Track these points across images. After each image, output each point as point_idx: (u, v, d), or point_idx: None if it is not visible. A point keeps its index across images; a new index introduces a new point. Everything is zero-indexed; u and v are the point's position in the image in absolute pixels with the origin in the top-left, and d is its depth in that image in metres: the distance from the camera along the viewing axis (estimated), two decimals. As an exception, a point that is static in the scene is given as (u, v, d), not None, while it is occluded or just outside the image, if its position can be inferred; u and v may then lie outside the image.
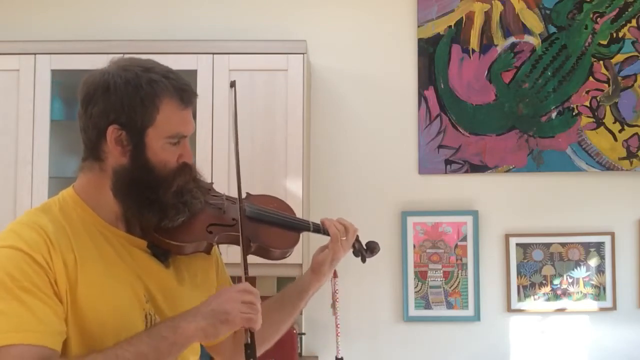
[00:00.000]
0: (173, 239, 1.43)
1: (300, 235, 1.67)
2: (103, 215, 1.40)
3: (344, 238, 1.65)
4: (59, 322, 1.27)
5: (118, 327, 1.33)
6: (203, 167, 2.69)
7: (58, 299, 1.28)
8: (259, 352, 1.69)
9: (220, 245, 1.61)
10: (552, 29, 3.08)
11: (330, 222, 1.67)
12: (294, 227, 1.66)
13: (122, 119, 1.36)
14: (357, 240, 1.72)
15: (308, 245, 2.80)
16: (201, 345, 1.61)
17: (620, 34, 3.08)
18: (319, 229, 1.67)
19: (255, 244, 1.55)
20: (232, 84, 1.50)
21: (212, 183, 1.60)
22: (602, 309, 3.03)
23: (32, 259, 1.27)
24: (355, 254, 1.73)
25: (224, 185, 2.62)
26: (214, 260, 1.61)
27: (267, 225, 1.60)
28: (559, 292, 3.04)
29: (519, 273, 3.04)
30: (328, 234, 1.66)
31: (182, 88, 1.40)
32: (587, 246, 3.05)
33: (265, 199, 1.68)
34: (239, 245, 1.51)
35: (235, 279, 1.75)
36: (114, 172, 1.38)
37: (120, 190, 1.38)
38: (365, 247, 1.75)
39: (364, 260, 1.75)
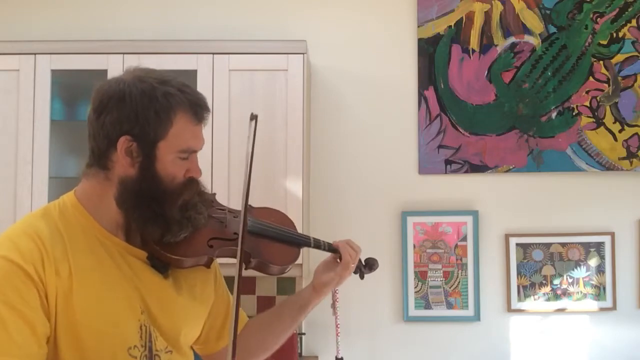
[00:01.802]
0: (173, 253, 1.42)
1: (301, 250, 1.66)
2: (103, 223, 1.39)
3: (354, 265, 1.65)
4: (37, 343, 1.25)
5: (112, 337, 1.32)
6: (203, 168, 2.68)
7: (45, 314, 1.27)
8: None
9: None
10: (552, 29, 3.08)
11: (345, 248, 1.65)
12: (295, 242, 1.65)
13: (135, 130, 1.34)
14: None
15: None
16: (196, 356, 1.61)
17: (620, 34, 3.08)
18: (319, 244, 1.67)
19: (256, 259, 1.54)
20: (253, 117, 1.46)
21: (214, 194, 1.59)
22: (602, 309, 3.03)
23: (24, 272, 1.25)
24: (355, 271, 1.72)
25: (223, 185, 2.62)
26: (213, 273, 1.60)
27: (268, 240, 1.59)
28: (559, 292, 3.04)
29: (519, 273, 3.04)
30: (333, 251, 1.66)
31: (197, 103, 1.40)
32: (587, 246, 3.04)
33: (267, 212, 1.66)
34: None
35: (230, 281, 1.75)
36: (120, 183, 1.37)
37: (125, 201, 1.37)
38: (364, 264, 1.74)
39: (362, 277, 1.75)
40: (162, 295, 1.42)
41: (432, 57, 3.09)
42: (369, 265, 1.75)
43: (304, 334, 2.99)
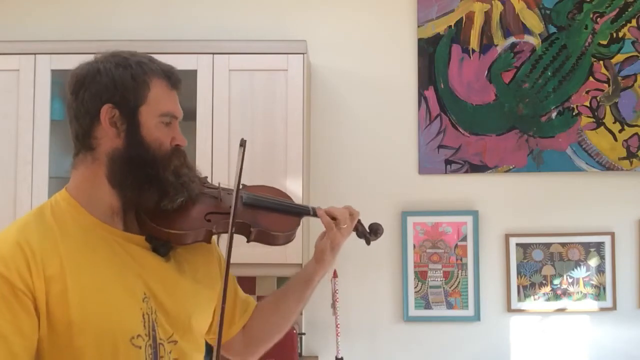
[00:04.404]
0: (172, 228, 1.42)
1: (301, 219, 1.64)
2: (97, 214, 1.39)
3: (345, 226, 1.63)
4: (7, 352, 1.23)
5: (112, 328, 1.32)
6: (203, 167, 2.68)
7: (31, 320, 1.26)
8: (273, 344, 1.69)
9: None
10: (552, 29, 3.08)
11: (321, 211, 1.65)
12: (294, 212, 1.64)
13: (115, 97, 1.38)
14: (360, 223, 1.70)
15: (308, 245, 2.80)
16: (207, 343, 1.61)
17: (620, 34, 3.08)
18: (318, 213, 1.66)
19: (256, 229, 1.53)
20: (242, 143, 1.48)
21: (206, 177, 1.59)
22: (602, 309, 3.03)
23: (6, 281, 1.25)
24: (358, 235, 1.71)
25: (223, 184, 2.62)
26: (215, 257, 1.60)
27: (266, 211, 1.59)
28: (559, 292, 3.04)
29: (519, 273, 3.04)
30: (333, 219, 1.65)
31: (170, 70, 1.45)
32: (587, 246, 3.04)
33: (262, 189, 1.66)
34: (240, 233, 1.50)
35: (233, 273, 1.75)
36: (109, 158, 1.38)
37: (117, 173, 1.38)
38: (368, 230, 1.72)
39: (368, 243, 1.73)
40: (165, 278, 1.42)
41: (432, 57, 3.09)
42: (373, 230, 1.73)
43: (304, 334, 2.99)
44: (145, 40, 2.94)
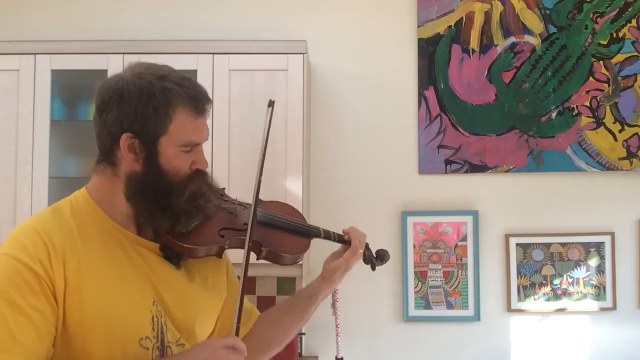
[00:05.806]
0: (185, 242, 1.44)
1: (310, 241, 1.67)
2: (114, 217, 1.41)
3: (362, 251, 1.66)
4: (39, 341, 1.26)
5: (123, 328, 1.34)
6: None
7: (53, 311, 1.28)
8: (272, 356, 1.71)
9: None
10: (552, 29, 3.08)
11: (354, 232, 1.67)
12: (305, 233, 1.67)
13: (135, 127, 1.36)
14: (367, 247, 1.72)
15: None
16: None
17: (620, 34, 3.08)
18: (330, 235, 1.69)
19: (267, 248, 1.56)
20: (271, 104, 1.49)
21: (224, 188, 1.62)
22: (602, 309, 3.03)
23: (30, 270, 1.27)
24: (365, 261, 1.73)
25: (223, 184, 2.61)
26: (224, 267, 1.62)
27: (278, 230, 1.62)
28: (559, 292, 3.04)
29: (519, 273, 3.04)
30: (342, 242, 1.68)
31: (196, 96, 1.40)
32: (587, 246, 3.04)
33: (276, 206, 1.69)
34: (250, 251, 1.52)
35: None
36: (127, 178, 1.39)
37: (132, 195, 1.40)
38: (375, 256, 1.75)
39: (373, 268, 1.75)
40: (175, 285, 1.44)
41: (432, 57, 3.09)
42: (380, 256, 1.75)
43: (304, 334, 2.99)
44: (146, 40, 2.94)
